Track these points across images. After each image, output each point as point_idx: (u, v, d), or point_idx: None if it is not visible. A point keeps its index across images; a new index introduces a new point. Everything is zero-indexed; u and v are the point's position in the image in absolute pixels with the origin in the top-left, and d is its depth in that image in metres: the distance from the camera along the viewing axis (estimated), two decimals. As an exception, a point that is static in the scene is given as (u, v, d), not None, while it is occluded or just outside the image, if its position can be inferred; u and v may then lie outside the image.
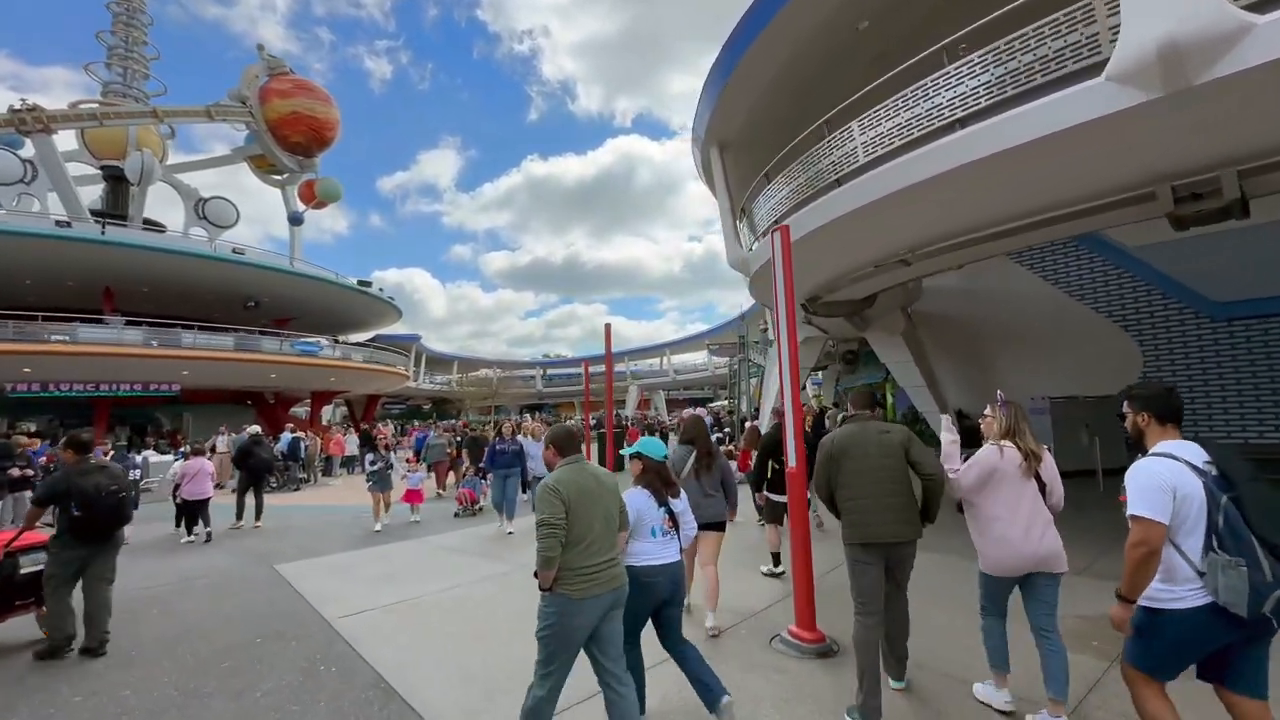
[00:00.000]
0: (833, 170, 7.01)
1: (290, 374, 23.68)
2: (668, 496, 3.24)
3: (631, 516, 3.09)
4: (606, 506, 2.91)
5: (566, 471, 2.93)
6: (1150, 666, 2.29)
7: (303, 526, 9.75)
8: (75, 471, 4.69)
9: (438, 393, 51.84)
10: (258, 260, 23.84)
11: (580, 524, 2.79)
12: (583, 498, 2.83)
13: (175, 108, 23.59)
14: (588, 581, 2.74)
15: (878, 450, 3.33)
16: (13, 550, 4.69)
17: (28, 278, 20.07)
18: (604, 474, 3.06)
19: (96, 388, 19.45)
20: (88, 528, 4.54)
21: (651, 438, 3.59)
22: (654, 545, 3.12)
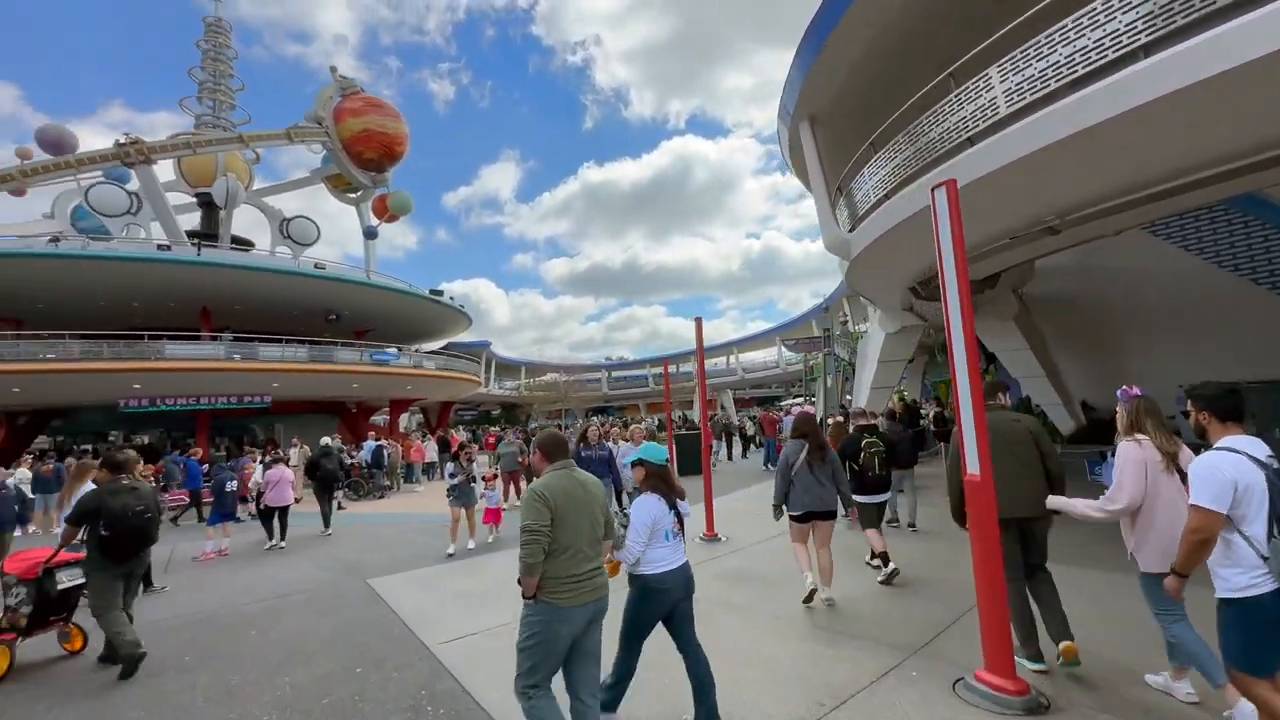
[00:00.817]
0: (960, 129, 6.09)
1: (370, 383, 24.32)
2: (675, 499, 3.22)
3: (648, 524, 3.07)
4: (593, 514, 2.90)
5: (554, 478, 2.90)
6: (1248, 663, 2.40)
7: (390, 536, 9.60)
8: (106, 491, 4.73)
9: (507, 398, 52.69)
10: (337, 274, 24.66)
11: (566, 532, 2.76)
12: (569, 505, 2.81)
13: (258, 133, 24.77)
14: (573, 590, 2.73)
15: (1011, 436, 3.67)
16: (50, 567, 4.77)
17: (135, 300, 21.46)
18: (592, 482, 3.02)
19: (197, 401, 20.54)
20: (115, 547, 4.60)
21: (652, 443, 3.57)
22: (667, 550, 3.11)
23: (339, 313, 25.83)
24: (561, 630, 2.71)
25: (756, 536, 7.63)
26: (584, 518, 2.85)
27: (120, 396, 19.48)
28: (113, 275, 19.71)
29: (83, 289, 20.15)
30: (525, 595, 2.74)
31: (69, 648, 4.98)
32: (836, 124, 9.62)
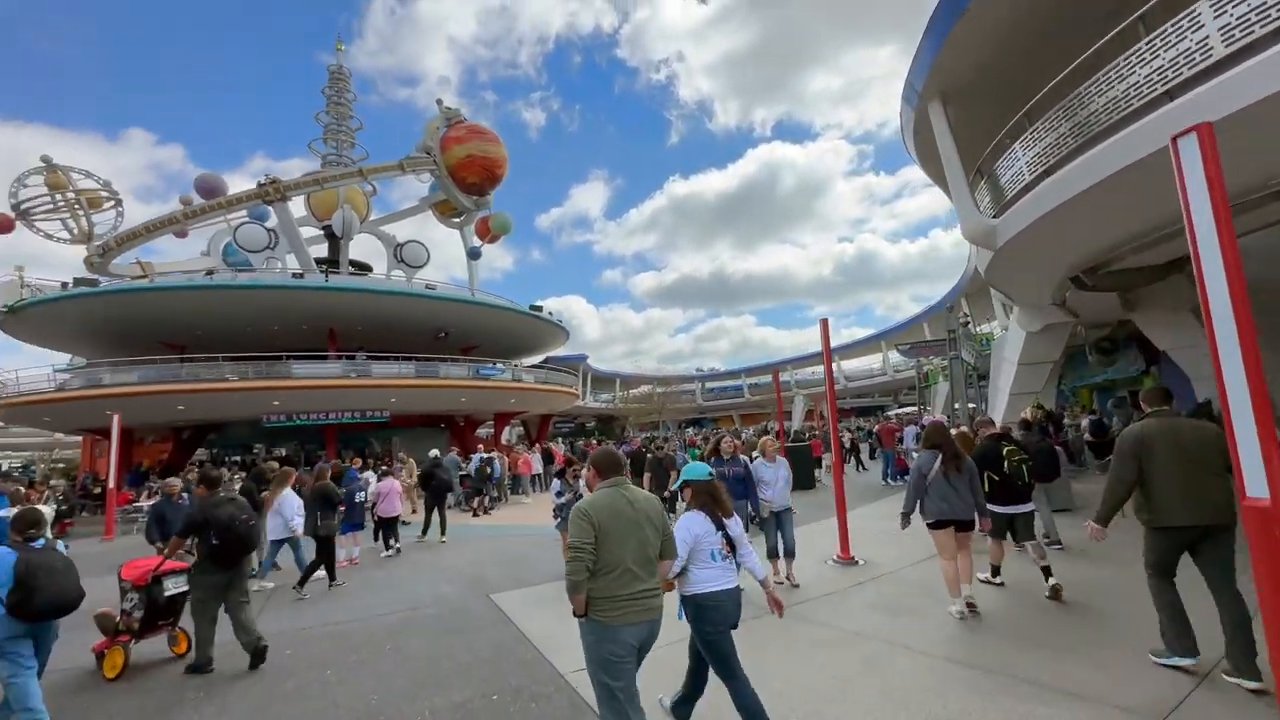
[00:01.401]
0: (1155, 82, 5.12)
1: (476, 397, 25.28)
2: (723, 518, 3.13)
3: (690, 540, 3.02)
4: (643, 533, 2.81)
5: (601, 495, 2.87)
6: None
7: (505, 549, 9.62)
8: (210, 504, 5.05)
9: (602, 410, 53.39)
10: (445, 293, 25.93)
11: (612, 549, 2.72)
12: (615, 522, 2.76)
13: (375, 165, 26.71)
14: (621, 609, 2.68)
15: (1192, 442, 3.52)
16: (158, 575, 5.13)
17: (275, 324, 23.61)
18: (643, 499, 2.92)
19: (326, 416, 22.19)
20: (224, 554, 4.89)
21: (696, 463, 3.46)
22: (715, 571, 3.03)
23: (447, 330, 27.12)
24: (612, 649, 2.67)
25: (899, 559, 6.83)
26: (632, 536, 2.77)
27: (263, 412, 21.41)
28: (255, 302, 21.80)
29: (232, 316, 22.43)
30: (575, 613, 2.75)
31: (176, 651, 5.32)
32: (973, 100, 8.65)
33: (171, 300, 21.28)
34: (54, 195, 23.47)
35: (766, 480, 5.92)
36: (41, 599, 3.73)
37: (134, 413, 19.09)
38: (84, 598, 4.11)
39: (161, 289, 21.29)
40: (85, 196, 24.12)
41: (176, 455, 26.29)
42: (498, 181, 29.88)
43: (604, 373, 54.51)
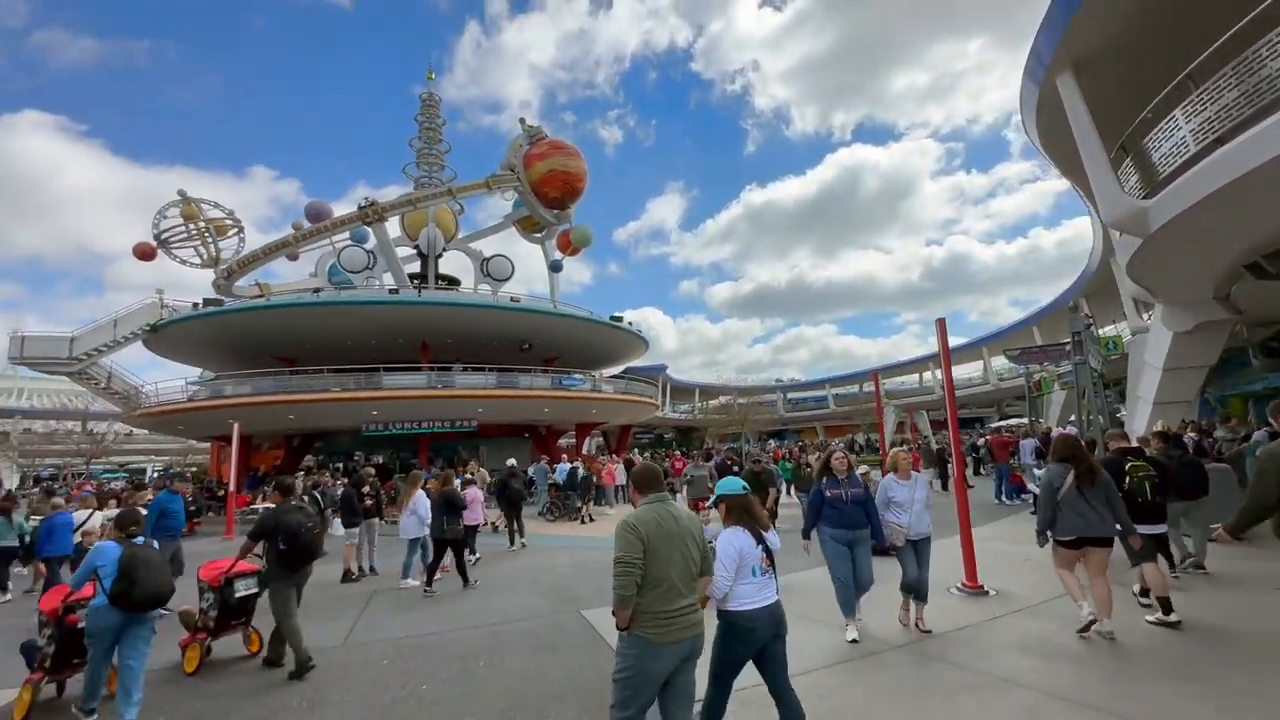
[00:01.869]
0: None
1: (559, 407, 25.60)
2: (760, 531, 3.10)
3: (736, 557, 2.99)
4: (686, 549, 2.83)
5: (646, 510, 2.88)
6: None
7: (592, 562, 9.39)
8: (280, 511, 5.27)
9: (682, 421, 52.95)
10: (529, 306, 26.56)
11: (658, 565, 2.73)
12: (661, 537, 2.77)
13: (463, 184, 28.00)
14: (665, 626, 2.68)
15: None
16: (230, 577, 5.32)
17: (373, 339, 25.00)
18: (685, 514, 2.95)
19: (419, 425, 23.12)
20: (291, 559, 5.06)
21: (730, 477, 3.41)
22: (754, 586, 2.99)
23: (531, 342, 27.69)
24: (652, 666, 2.67)
25: (1035, 590, 5.99)
26: (676, 551, 2.79)
27: (363, 422, 22.61)
28: (355, 318, 23.17)
29: (335, 331, 23.94)
30: (618, 627, 2.75)
31: (250, 650, 5.51)
32: (1110, 70, 7.62)
33: (282, 317, 22.99)
34: (187, 225, 26.06)
35: (900, 501, 5.12)
36: (140, 590, 4.05)
37: (251, 421, 20.63)
38: (174, 592, 4.44)
39: (274, 306, 23.06)
40: (214, 225, 26.64)
41: (288, 461, 28.28)
42: (578, 195, 30.39)
43: (683, 383, 54.12)
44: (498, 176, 28.23)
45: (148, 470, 47.98)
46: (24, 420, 37.27)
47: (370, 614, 6.98)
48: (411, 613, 6.88)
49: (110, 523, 5.61)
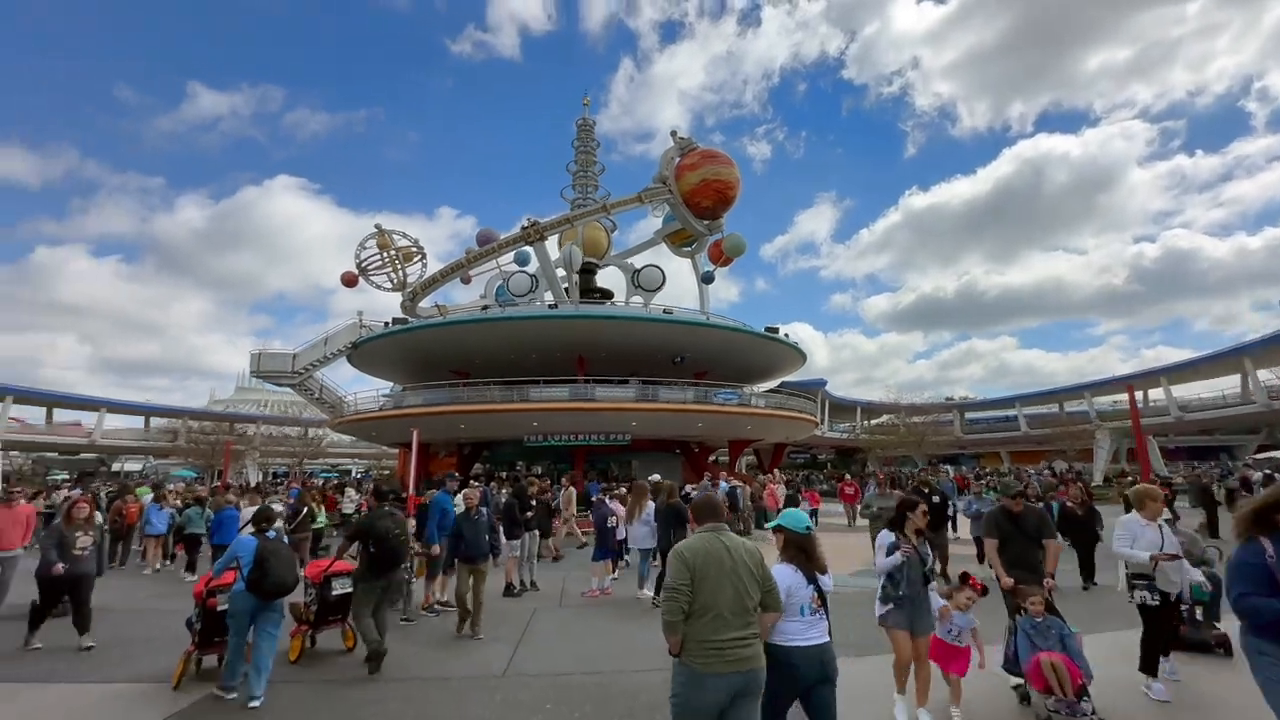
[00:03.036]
0: None
1: (713, 422, 24.55)
2: (815, 572, 3.09)
3: (782, 594, 2.95)
4: (740, 581, 2.77)
5: (698, 538, 2.90)
6: None
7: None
8: (373, 516, 5.70)
9: (841, 441, 49.20)
10: (682, 317, 26.01)
11: (705, 594, 2.71)
12: (709, 567, 2.75)
13: (616, 200, 28.47)
14: (713, 656, 2.64)
15: None
16: (329, 575, 5.70)
17: (533, 352, 26.01)
18: (742, 547, 2.89)
19: (575, 437, 23.40)
20: (379, 562, 5.39)
21: (794, 509, 3.42)
22: (801, 625, 3.00)
23: (684, 355, 27.06)
24: (700, 697, 2.63)
25: None
26: (727, 582, 2.75)
27: (524, 432, 23.42)
28: (518, 333, 24.21)
29: (500, 346, 25.24)
30: (670, 653, 2.77)
31: (346, 645, 5.90)
32: None
33: (455, 333, 24.73)
34: (381, 254, 29.35)
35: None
36: (269, 580, 4.61)
37: (428, 429, 22.23)
38: (298, 583, 4.96)
39: (448, 323, 24.91)
40: (402, 253, 29.74)
41: (460, 468, 30.38)
42: (730, 204, 29.45)
43: (843, 400, 50.34)
44: (650, 190, 28.25)
45: (352, 471, 55.06)
46: (264, 425, 44.64)
47: (533, 637, 6.40)
48: (581, 642, 6.19)
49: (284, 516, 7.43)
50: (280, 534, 5.38)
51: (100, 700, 4.76)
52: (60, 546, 6.05)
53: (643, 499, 8.52)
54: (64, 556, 6.00)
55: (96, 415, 43.30)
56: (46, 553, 6.03)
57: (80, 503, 6.64)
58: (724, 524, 3.01)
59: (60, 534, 6.18)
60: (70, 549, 6.04)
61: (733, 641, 2.67)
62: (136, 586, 9.66)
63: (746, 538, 3.83)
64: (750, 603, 2.77)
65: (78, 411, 43.79)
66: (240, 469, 43.62)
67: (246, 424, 44.90)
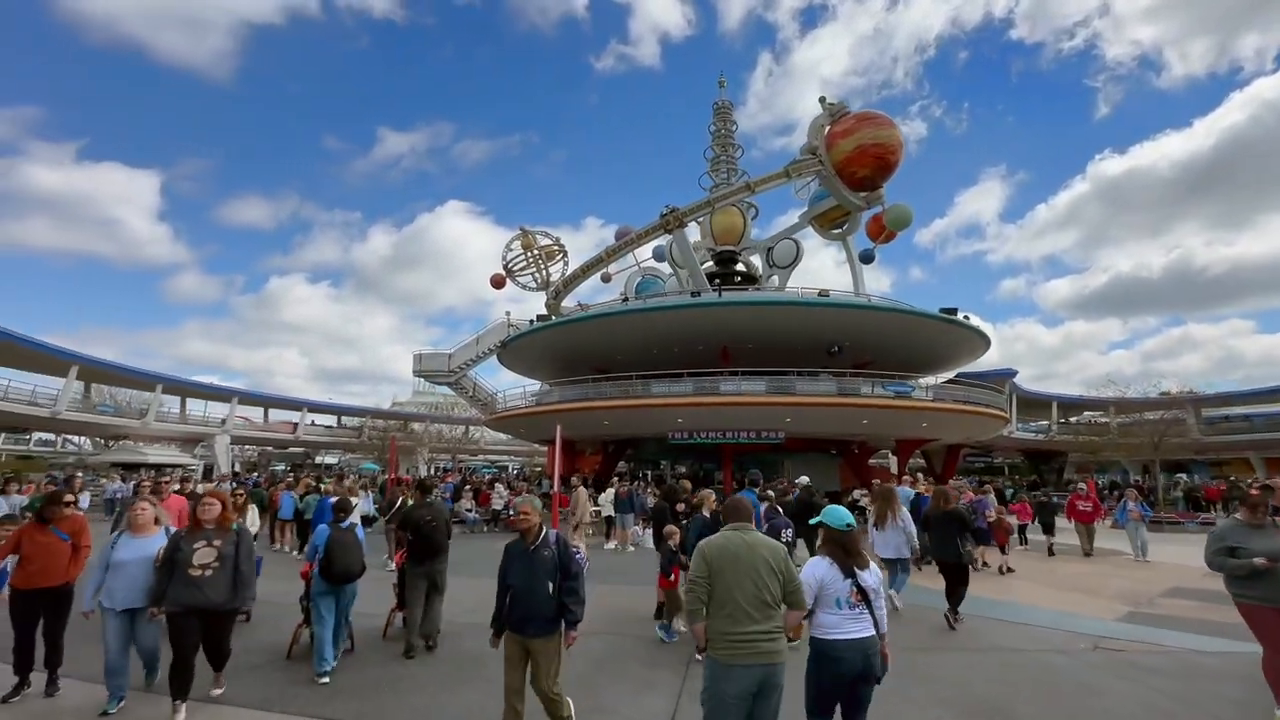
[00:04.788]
0: None
1: (883, 419, 21.41)
2: (854, 567, 3.16)
3: (815, 585, 3.12)
4: (758, 576, 2.92)
5: (720, 535, 3.13)
6: None
7: (1020, 652, 5.75)
8: (414, 508, 6.11)
9: (1030, 443, 41.99)
10: (840, 300, 23.21)
11: (722, 587, 2.91)
12: (725, 562, 2.95)
13: (761, 177, 26.13)
14: (733, 649, 2.82)
15: None
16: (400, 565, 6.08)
17: (675, 346, 24.68)
18: (764, 544, 3.04)
19: (723, 435, 21.61)
20: (419, 550, 5.85)
21: (836, 506, 3.46)
22: (839, 617, 3.08)
23: (840, 344, 24.13)
24: (725, 688, 2.78)
25: None
26: (745, 578, 2.89)
27: (668, 430, 22.11)
28: (659, 325, 23.00)
29: (641, 339, 24.22)
30: (698, 649, 3.09)
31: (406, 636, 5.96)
32: None
33: (595, 328, 24.15)
34: (526, 254, 29.90)
35: None
36: (335, 567, 5.05)
37: (571, 426, 21.72)
38: (365, 570, 5.34)
39: (588, 318, 24.39)
40: (544, 251, 30.09)
41: (605, 465, 29.98)
42: (891, 170, 25.88)
43: (1035, 394, 42.67)
44: (797, 163, 25.66)
45: (509, 467, 58.16)
46: (430, 424, 48.47)
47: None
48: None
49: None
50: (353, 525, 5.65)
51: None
52: (172, 565, 4.23)
53: (894, 503, 7.82)
54: (176, 580, 4.19)
55: (300, 415, 49.87)
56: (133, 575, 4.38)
57: (212, 498, 4.62)
58: (749, 524, 3.19)
59: (175, 544, 4.31)
60: (186, 567, 4.19)
61: (753, 635, 2.83)
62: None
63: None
64: (769, 597, 2.90)
65: (288, 411, 50.75)
66: (413, 464, 47.65)
67: (416, 422, 48.95)
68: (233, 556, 4.38)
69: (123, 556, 4.37)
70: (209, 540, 4.35)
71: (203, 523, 4.45)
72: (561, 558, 3.66)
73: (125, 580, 4.30)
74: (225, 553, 4.35)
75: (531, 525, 3.72)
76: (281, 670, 5.16)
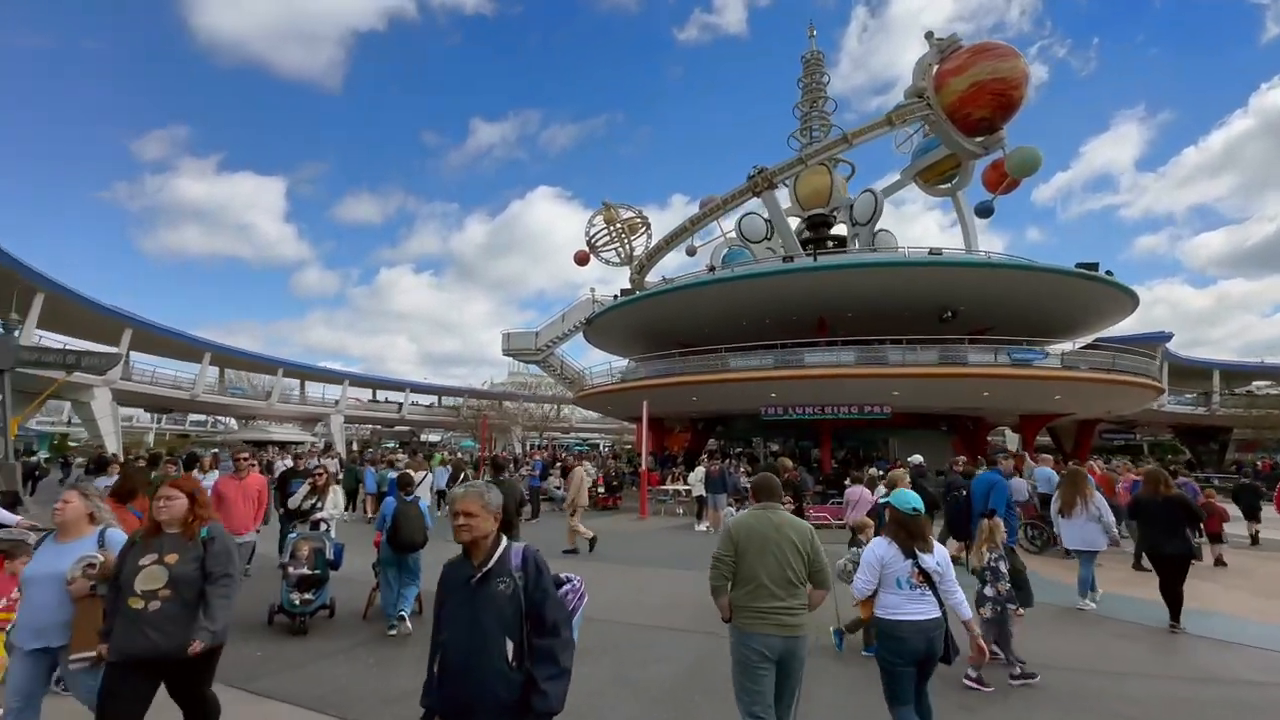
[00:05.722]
0: None
1: (1006, 390, 18.95)
2: (916, 550, 3.18)
3: (875, 564, 3.22)
4: (783, 554, 2.98)
5: (747, 516, 3.19)
6: None
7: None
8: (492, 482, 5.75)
9: (1185, 418, 36.45)
10: (954, 258, 20.71)
11: (747, 565, 3.00)
12: (752, 541, 3.03)
13: (861, 128, 23.74)
14: (754, 619, 2.94)
15: None
16: None
17: (766, 317, 23.17)
18: (790, 524, 3.08)
19: (822, 410, 20.02)
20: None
21: (905, 490, 3.51)
22: (900, 598, 3.14)
23: (954, 309, 21.62)
24: (748, 654, 2.91)
25: None
26: (770, 556, 2.97)
27: (761, 405, 20.81)
28: (747, 295, 21.60)
29: (729, 311, 22.93)
30: (722, 619, 3.15)
31: None
32: None
33: (682, 300, 23.13)
34: (609, 228, 29.28)
35: None
36: (400, 536, 5.69)
37: (657, 403, 20.99)
38: (426, 542, 5.88)
39: (674, 289, 23.40)
40: (627, 225, 29.33)
41: (694, 443, 29.12)
42: (1014, 109, 22.70)
43: (1193, 361, 36.80)
44: (902, 108, 23.12)
45: (600, 445, 58.90)
46: (522, 404, 49.78)
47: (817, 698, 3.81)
48: None
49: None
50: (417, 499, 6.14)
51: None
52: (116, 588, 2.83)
53: (1084, 487, 6.99)
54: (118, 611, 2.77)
55: (404, 395, 52.83)
56: None
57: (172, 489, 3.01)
58: (778, 503, 3.22)
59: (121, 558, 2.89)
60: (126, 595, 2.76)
61: (775, 609, 2.92)
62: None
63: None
64: (793, 575, 2.97)
65: (394, 392, 53.95)
66: (508, 441, 49.19)
67: (510, 402, 50.41)
68: (194, 577, 2.86)
69: (32, 571, 3.06)
70: (159, 553, 2.83)
71: (161, 526, 2.93)
72: (532, 594, 2.12)
73: (32, 606, 2.99)
74: (180, 574, 2.82)
75: (478, 535, 2.18)
76: (359, 627, 5.76)
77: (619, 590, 7.41)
